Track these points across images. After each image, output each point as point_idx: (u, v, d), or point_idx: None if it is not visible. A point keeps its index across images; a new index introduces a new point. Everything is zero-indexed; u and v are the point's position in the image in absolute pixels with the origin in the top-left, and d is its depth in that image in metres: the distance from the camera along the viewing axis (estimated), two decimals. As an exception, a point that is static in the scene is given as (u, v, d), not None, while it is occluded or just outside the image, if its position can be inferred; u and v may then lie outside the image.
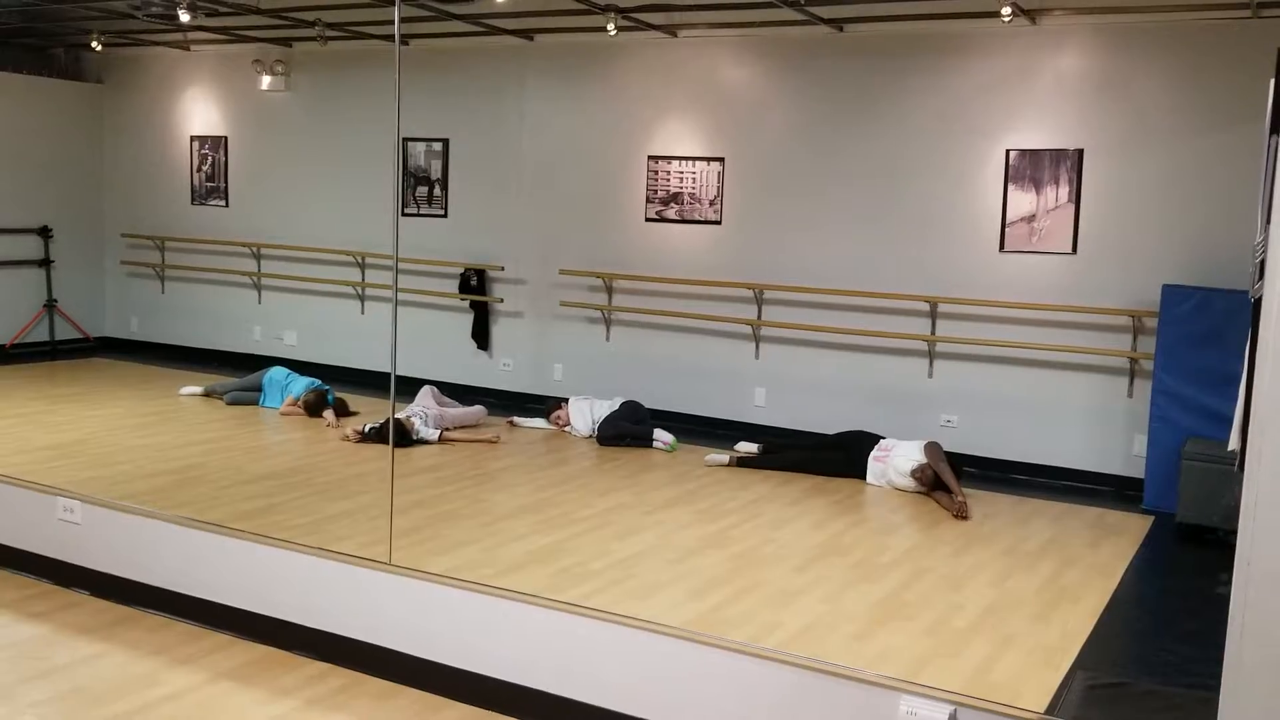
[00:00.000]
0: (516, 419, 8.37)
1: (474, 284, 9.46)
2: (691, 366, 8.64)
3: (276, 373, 8.71)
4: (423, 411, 7.79)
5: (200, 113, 10.86)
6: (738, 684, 3.99)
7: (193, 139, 10.92)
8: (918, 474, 6.65)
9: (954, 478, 6.53)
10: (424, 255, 9.47)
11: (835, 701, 3.82)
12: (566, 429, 8.11)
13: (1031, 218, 7.37)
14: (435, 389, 8.31)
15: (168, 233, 11.10)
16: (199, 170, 10.91)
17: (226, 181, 10.76)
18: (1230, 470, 3.00)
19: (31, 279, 10.92)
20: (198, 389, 8.93)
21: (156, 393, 8.99)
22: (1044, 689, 3.89)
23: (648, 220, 8.76)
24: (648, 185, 8.74)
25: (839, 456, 7.08)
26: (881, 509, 6.42)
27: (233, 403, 8.61)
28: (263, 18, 8.59)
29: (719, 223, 8.48)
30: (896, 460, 6.79)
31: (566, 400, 8.22)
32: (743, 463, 7.28)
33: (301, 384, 8.49)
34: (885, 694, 3.74)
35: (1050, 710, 3.65)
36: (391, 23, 8.37)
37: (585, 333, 9.10)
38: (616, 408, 7.99)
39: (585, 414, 8.02)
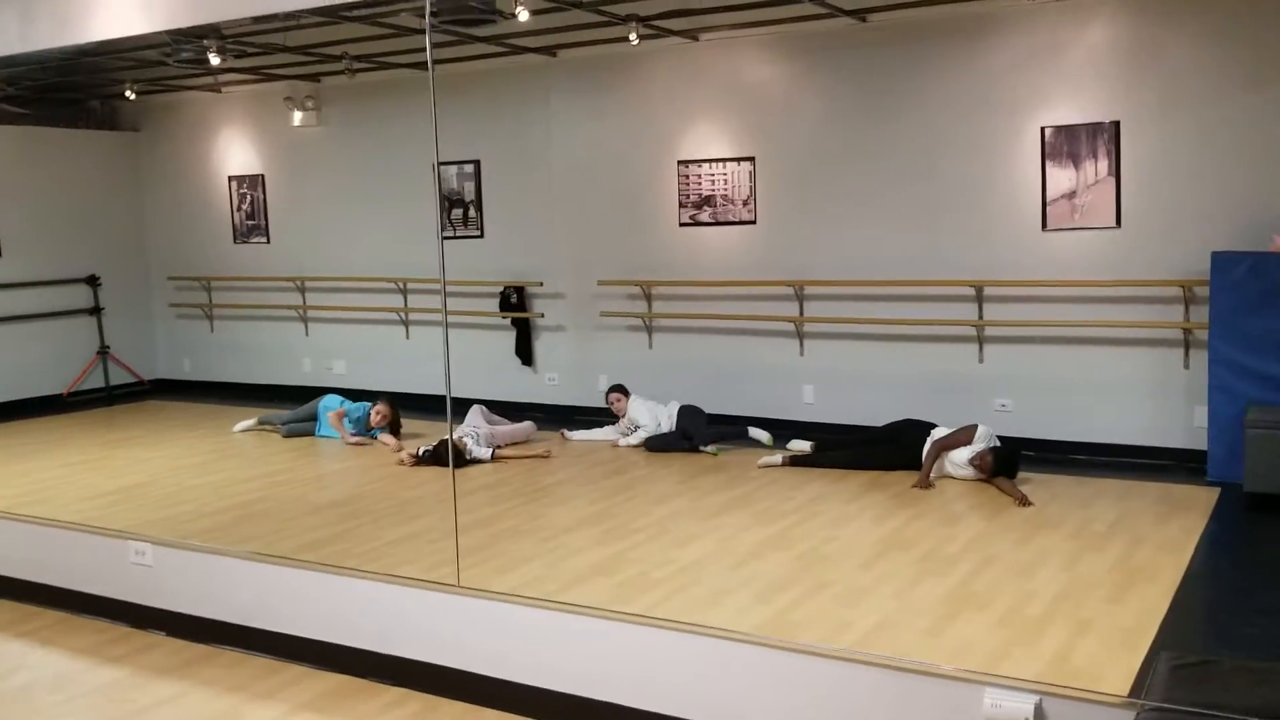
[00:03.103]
0: (567, 432, 8.39)
1: (514, 301, 9.51)
2: (737, 368, 8.63)
3: (330, 400, 8.81)
4: (474, 431, 7.84)
5: (236, 153, 11.00)
6: (815, 687, 3.98)
7: (231, 179, 11.06)
8: (977, 461, 6.59)
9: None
10: (464, 276, 9.53)
11: (917, 699, 3.79)
12: (619, 442, 8.07)
13: (1072, 194, 7.30)
14: (484, 408, 8.36)
15: (213, 273, 11.26)
16: (239, 209, 11.06)
17: (266, 218, 10.90)
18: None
19: (83, 327, 11.11)
20: (251, 421, 9.05)
21: (213, 431, 9.12)
22: (1125, 672, 3.84)
23: (682, 225, 8.76)
24: (680, 190, 8.75)
25: (892, 450, 7.02)
26: (942, 499, 6.37)
27: (290, 434, 8.70)
28: (291, 55, 8.68)
29: (754, 222, 8.47)
30: (953, 453, 6.73)
31: (625, 390, 8.20)
32: (795, 461, 7.25)
33: (361, 409, 8.58)
34: (967, 688, 3.71)
35: (1135, 692, 3.60)
36: (415, 51, 8.45)
37: (627, 341, 9.11)
38: (676, 411, 7.97)
39: (651, 412, 7.99)
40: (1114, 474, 6.87)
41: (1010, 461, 6.54)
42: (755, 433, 7.82)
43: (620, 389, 8.23)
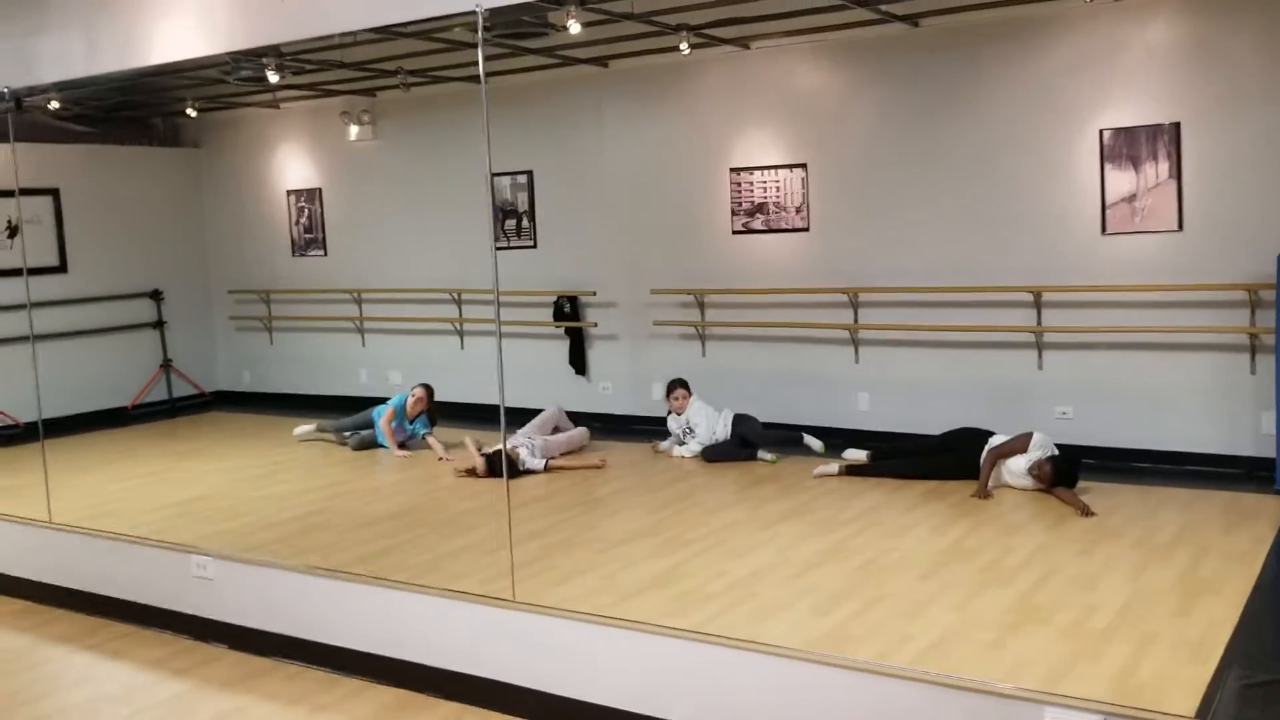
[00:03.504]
0: (660, 445, 8.22)
1: (567, 311, 9.54)
2: (791, 376, 8.58)
3: (381, 409, 8.88)
4: (528, 442, 7.86)
5: (294, 167, 11.17)
6: (872, 705, 3.94)
7: (289, 193, 11.23)
8: (1035, 471, 6.49)
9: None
10: (517, 286, 9.58)
11: (976, 718, 3.74)
12: (674, 452, 8.04)
13: (1132, 197, 7.17)
14: (561, 412, 8.41)
15: (272, 285, 11.42)
16: (297, 223, 11.21)
17: (324, 231, 11.05)
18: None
19: (147, 341, 11.32)
20: (310, 427, 9.21)
21: (273, 442, 9.25)
22: (1193, 688, 3.76)
23: (735, 233, 8.74)
24: (732, 198, 8.73)
25: (950, 459, 6.93)
26: (1002, 509, 6.28)
27: (359, 447, 8.75)
28: (347, 71, 8.79)
29: (807, 229, 8.42)
30: (1010, 462, 6.63)
31: (689, 388, 8.10)
32: (851, 471, 7.19)
33: (400, 399, 8.67)
34: (1028, 707, 3.64)
35: (1203, 711, 3.53)
36: (469, 64, 8.51)
37: (681, 350, 9.10)
38: (731, 417, 7.91)
39: (708, 419, 7.93)
40: (1179, 482, 6.73)
41: (1069, 471, 6.43)
42: (809, 440, 7.77)
43: (684, 385, 8.13)
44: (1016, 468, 6.60)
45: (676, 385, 8.15)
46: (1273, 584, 4.94)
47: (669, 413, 8.21)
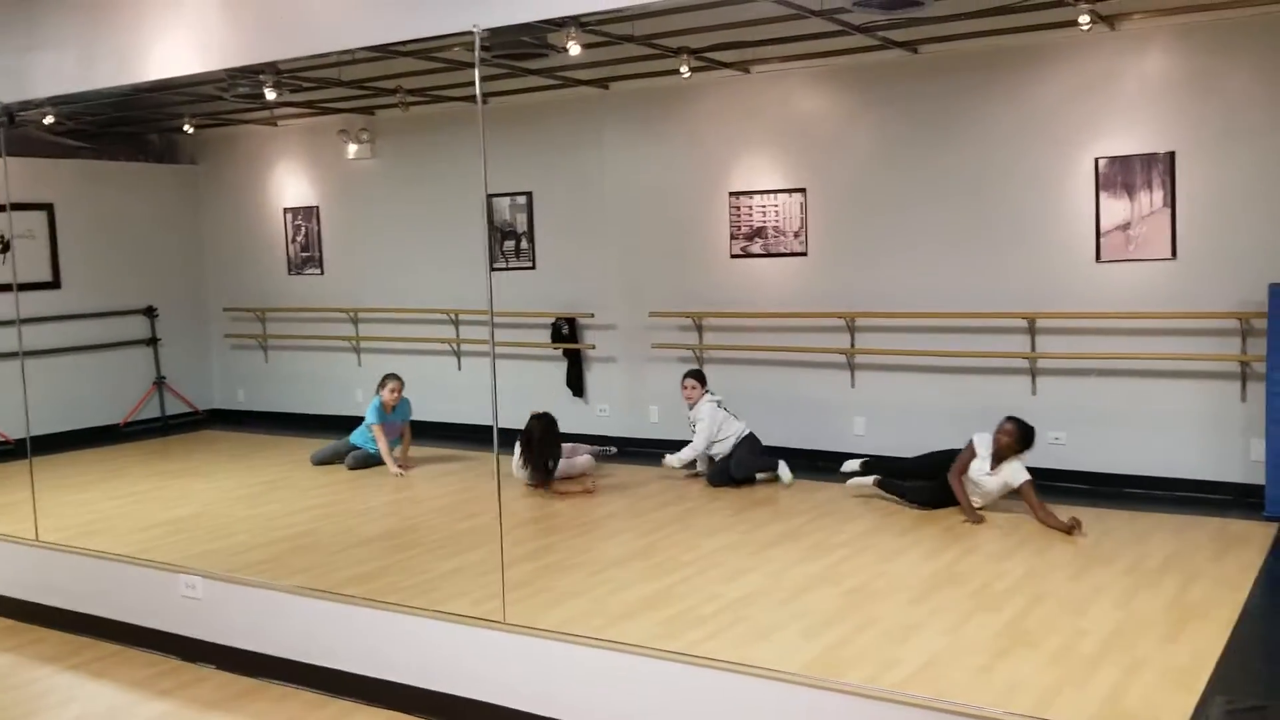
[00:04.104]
0: (667, 460, 8.03)
1: (565, 332, 9.55)
2: (788, 400, 8.58)
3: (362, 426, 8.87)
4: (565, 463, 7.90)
5: (291, 185, 11.19)
6: (861, 726, 3.93)
7: (286, 211, 11.24)
8: (1001, 438, 6.51)
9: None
10: (515, 308, 9.59)
11: (964, 741, 3.73)
12: (665, 460, 7.99)
13: (1127, 225, 7.20)
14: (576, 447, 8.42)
15: (268, 304, 11.42)
16: (294, 241, 11.23)
17: (321, 250, 11.06)
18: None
19: (140, 358, 11.31)
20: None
21: (266, 462, 9.22)
22: (1179, 713, 3.77)
23: (733, 257, 8.76)
24: (731, 222, 8.75)
25: (936, 486, 6.87)
26: (994, 533, 6.28)
27: (355, 466, 8.71)
28: (345, 89, 8.82)
29: (805, 254, 8.44)
30: (971, 473, 6.63)
31: (704, 381, 8.03)
32: (880, 485, 7.15)
33: (376, 400, 8.60)
34: (1016, 731, 3.65)
35: (1190, 738, 3.53)
36: (468, 84, 8.53)
37: (679, 373, 9.04)
38: (743, 435, 7.85)
39: (710, 426, 7.83)
40: (1169, 508, 6.74)
41: (1028, 429, 6.53)
42: (781, 471, 7.74)
43: (698, 377, 8.02)
44: (977, 474, 6.59)
45: (689, 375, 8.06)
46: (1260, 610, 4.94)
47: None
